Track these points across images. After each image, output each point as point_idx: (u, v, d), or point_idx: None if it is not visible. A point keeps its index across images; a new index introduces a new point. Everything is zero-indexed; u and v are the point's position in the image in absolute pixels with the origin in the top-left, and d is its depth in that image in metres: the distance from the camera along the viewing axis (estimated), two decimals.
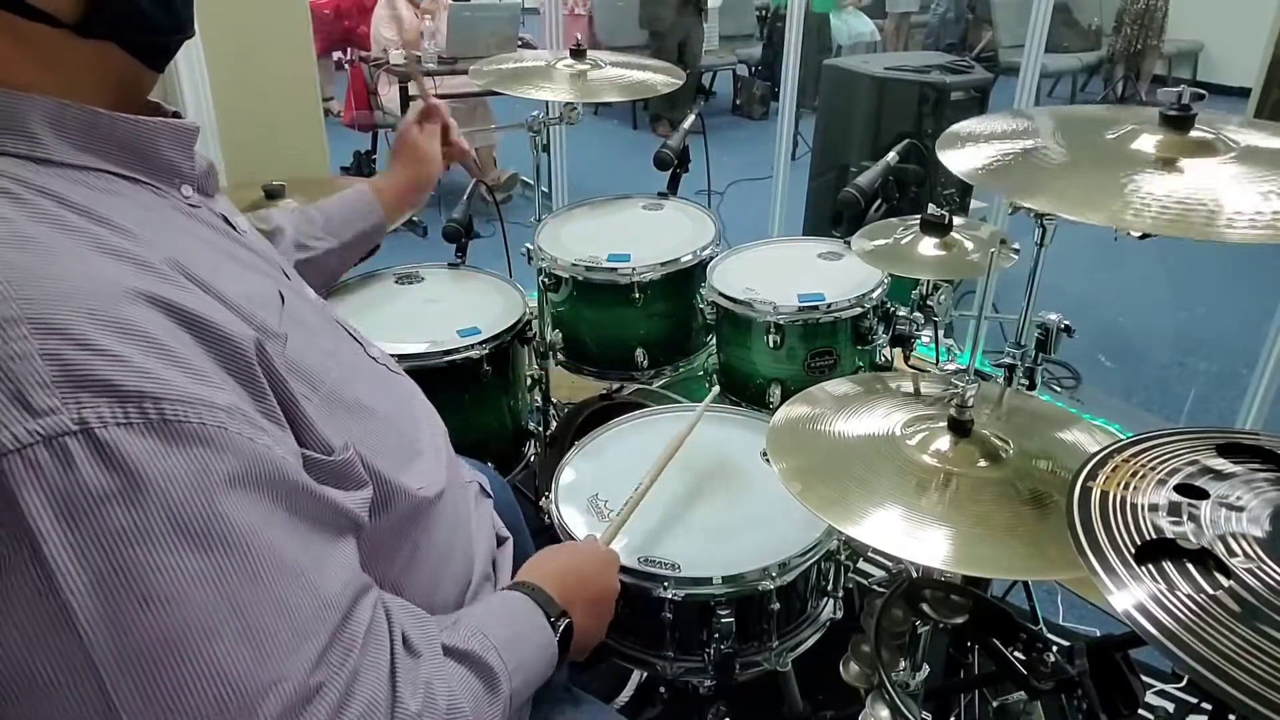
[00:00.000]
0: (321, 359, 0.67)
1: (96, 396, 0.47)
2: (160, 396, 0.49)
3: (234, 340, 0.55)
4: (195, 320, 0.53)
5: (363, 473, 0.64)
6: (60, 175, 0.56)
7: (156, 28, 0.61)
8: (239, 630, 0.50)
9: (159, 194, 0.63)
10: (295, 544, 0.55)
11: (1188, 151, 0.85)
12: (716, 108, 6.82)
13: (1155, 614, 0.57)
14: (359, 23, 4.87)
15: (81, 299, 0.48)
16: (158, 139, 0.63)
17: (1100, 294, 3.60)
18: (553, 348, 1.75)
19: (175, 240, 0.59)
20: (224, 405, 0.52)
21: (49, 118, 0.56)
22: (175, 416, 0.49)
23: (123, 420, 0.47)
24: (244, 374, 0.55)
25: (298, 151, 2.43)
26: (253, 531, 0.52)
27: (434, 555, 0.77)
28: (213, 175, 0.72)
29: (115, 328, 0.49)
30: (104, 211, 0.55)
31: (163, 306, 0.52)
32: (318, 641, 0.54)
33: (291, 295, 0.70)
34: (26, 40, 0.56)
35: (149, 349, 0.49)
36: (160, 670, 0.48)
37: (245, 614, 0.50)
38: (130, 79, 0.63)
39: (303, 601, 0.54)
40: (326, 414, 0.63)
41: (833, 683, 1.02)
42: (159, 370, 0.49)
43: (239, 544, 0.51)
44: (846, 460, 0.96)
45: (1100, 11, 6.87)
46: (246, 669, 0.50)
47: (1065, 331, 1.28)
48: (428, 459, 0.78)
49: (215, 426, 0.51)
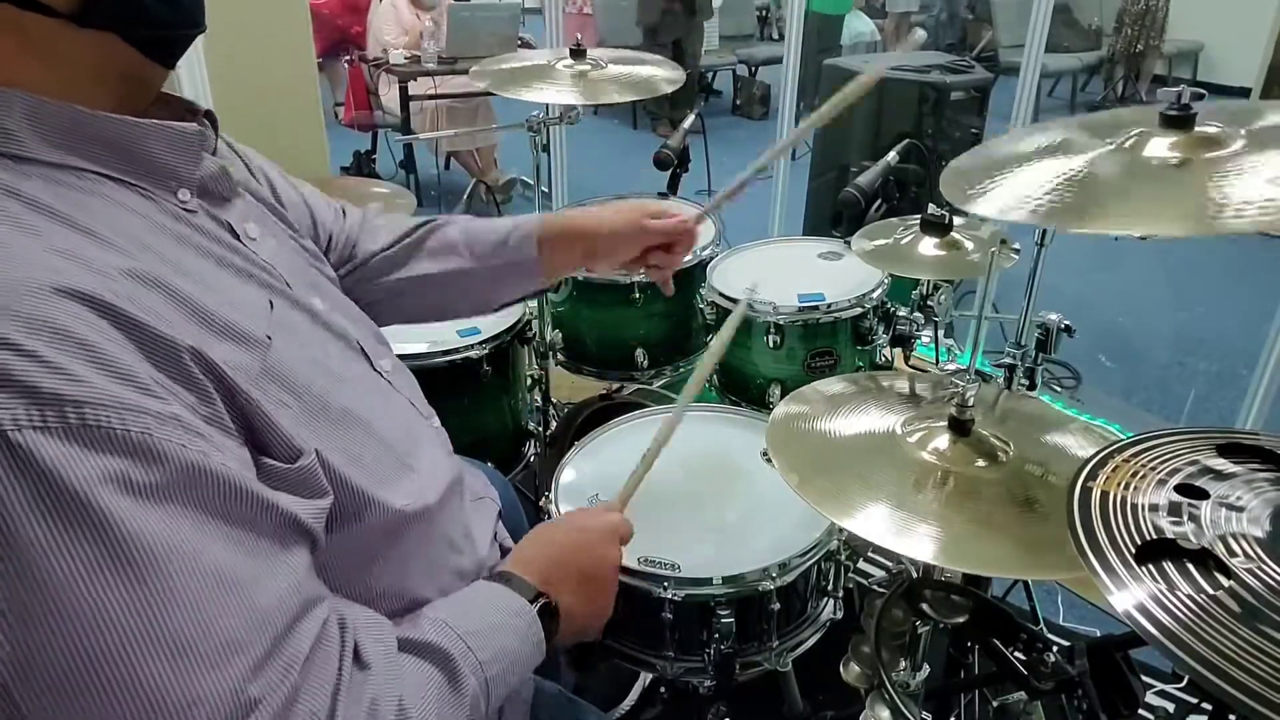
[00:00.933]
0: (307, 368, 0.66)
1: (13, 398, 0.45)
2: (82, 401, 0.47)
3: (175, 346, 0.53)
4: (134, 324, 0.51)
5: (324, 482, 0.63)
6: (32, 173, 0.55)
7: (159, 20, 0.60)
8: (158, 644, 0.48)
9: (146, 196, 0.62)
10: (228, 554, 0.52)
11: (1199, 148, 0.84)
12: (716, 108, 6.83)
13: (1155, 614, 0.56)
14: (352, 23, 4.87)
15: (11, 299, 0.47)
16: (148, 140, 0.62)
17: (1100, 294, 3.60)
18: (553, 348, 1.75)
19: (153, 244, 0.59)
20: (153, 411, 0.50)
21: (28, 113, 0.55)
22: (96, 421, 0.47)
23: (39, 424, 0.46)
24: (184, 379, 0.53)
25: (298, 151, 2.43)
26: (177, 541, 0.50)
27: (421, 568, 0.75)
28: (224, 180, 0.70)
29: (43, 330, 0.47)
30: (69, 212, 0.54)
31: (102, 310, 0.50)
32: (250, 655, 0.51)
33: (285, 304, 0.69)
34: (23, 31, 0.55)
35: (77, 353, 0.48)
36: (75, 687, 0.46)
37: (165, 628, 0.48)
38: (135, 74, 0.62)
39: (235, 614, 0.51)
40: (303, 421, 0.62)
41: (833, 683, 1.02)
42: (84, 374, 0.48)
43: (159, 554, 0.48)
44: (846, 456, 0.96)
45: (1100, 11, 6.87)
46: (167, 685, 0.48)
47: (1065, 331, 1.28)
48: (422, 476, 0.76)
49: (139, 432, 0.49)
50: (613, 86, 1.69)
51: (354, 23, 4.86)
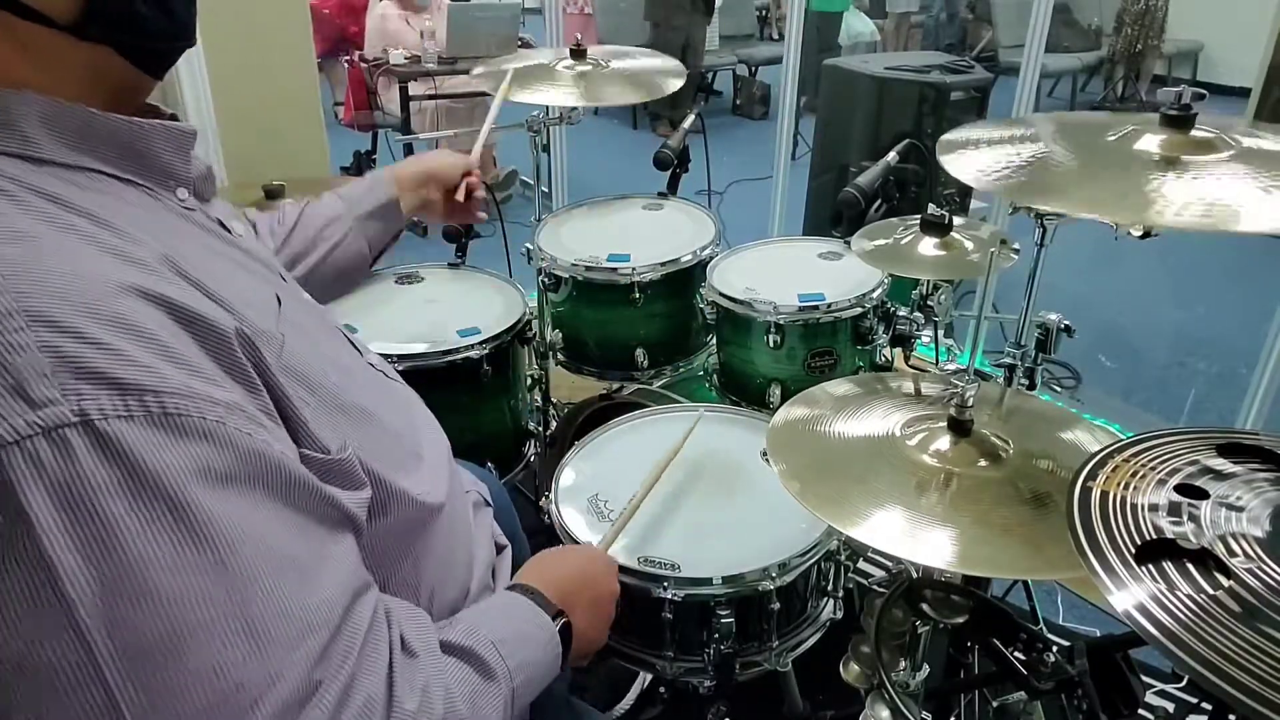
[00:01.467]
0: (320, 364, 0.66)
1: (96, 389, 0.47)
2: (160, 390, 0.49)
3: (227, 337, 0.55)
4: (191, 317, 0.53)
5: (362, 474, 0.64)
6: (54, 174, 0.56)
7: (154, 33, 0.61)
8: (239, 626, 0.50)
9: (153, 196, 0.63)
10: (295, 540, 0.55)
11: (1191, 150, 0.85)
12: (716, 108, 6.82)
13: (1155, 614, 0.56)
14: (349, 22, 4.87)
15: (77, 293, 0.48)
16: (153, 141, 0.63)
17: (1100, 294, 3.60)
18: (553, 348, 1.75)
19: (169, 241, 0.59)
20: (222, 400, 0.52)
21: (43, 116, 0.56)
22: (175, 410, 0.49)
23: (123, 413, 0.47)
24: (238, 371, 0.55)
25: (298, 152, 2.43)
26: (253, 527, 0.52)
27: (434, 562, 0.76)
28: (210, 179, 0.71)
29: (111, 322, 0.48)
30: (98, 210, 0.55)
31: (158, 302, 0.52)
32: (319, 638, 0.54)
33: (288, 299, 0.70)
34: (22, 40, 0.56)
35: (146, 344, 0.49)
36: (160, 665, 0.48)
37: (245, 609, 0.50)
38: (127, 84, 0.63)
39: (304, 598, 0.54)
40: (324, 418, 0.63)
41: (833, 683, 1.02)
42: (156, 365, 0.49)
43: (239, 539, 0.51)
44: (846, 460, 0.96)
45: (1100, 11, 6.87)
46: (246, 665, 0.50)
47: (1065, 331, 1.28)
48: (429, 466, 0.77)
49: (214, 421, 0.51)
50: (614, 87, 1.70)
51: (351, 22, 4.87)
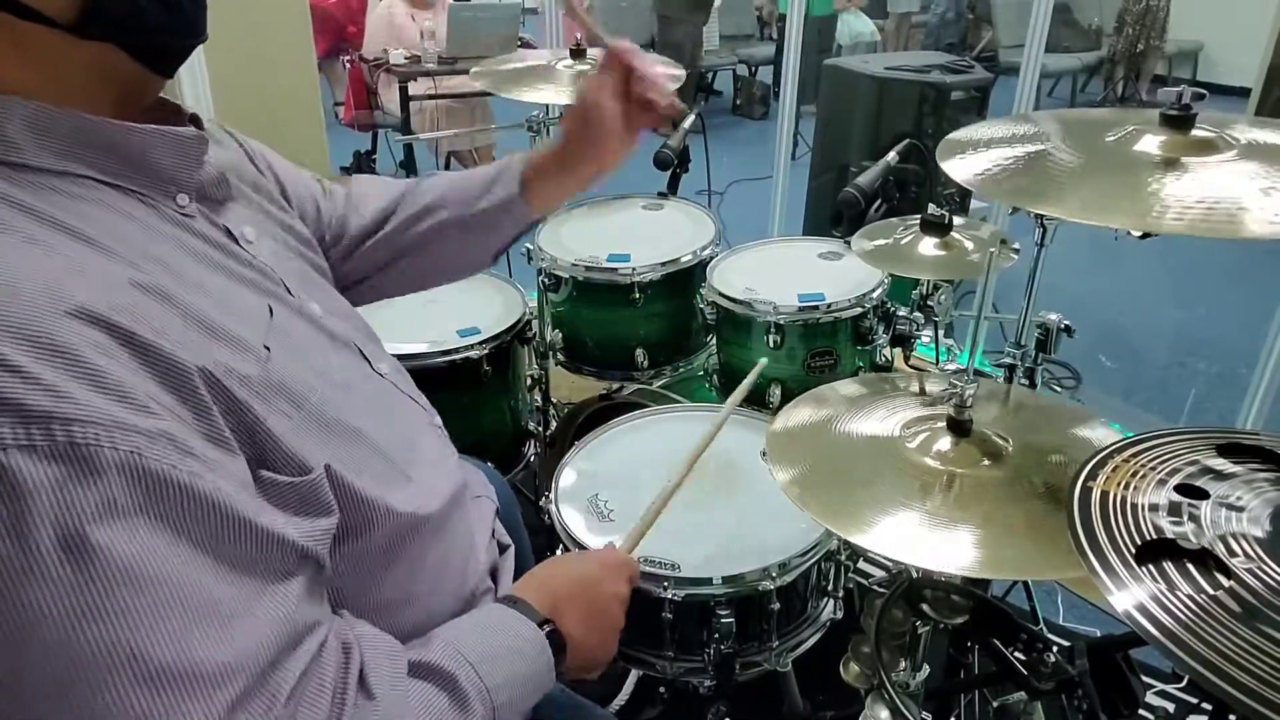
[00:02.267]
0: (307, 377, 0.65)
1: (1, 417, 0.45)
2: (70, 419, 0.46)
3: (176, 359, 0.52)
4: (135, 341, 0.51)
5: (330, 498, 0.62)
6: (29, 181, 0.55)
7: (159, 30, 0.60)
8: (137, 675, 0.47)
9: (146, 202, 0.62)
10: (212, 584, 0.51)
11: (1192, 151, 0.85)
12: (717, 108, 6.82)
13: (1155, 614, 0.56)
14: (349, 22, 4.87)
15: (15, 317, 0.47)
16: (151, 147, 0.62)
17: (1100, 294, 3.60)
18: (553, 348, 1.75)
19: (153, 250, 0.58)
20: (145, 429, 0.49)
21: (30, 122, 0.55)
22: (84, 439, 0.46)
23: (24, 442, 0.45)
24: (183, 394, 0.52)
25: (298, 151, 2.43)
26: (158, 569, 0.48)
27: (427, 571, 0.75)
28: (224, 184, 0.70)
29: (38, 345, 0.47)
30: (73, 221, 0.54)
31: (105, 327, 0.50)
32: (233, 688, 0.50)
33: (285, 311, 0.69)
34: (21, 41, 0.55)
35: (70, 369, 0.47)
36: (53, 714, 0.45)
37: (145, 659, 0.47)
38: (133, 83, 0.62)
39: (216, 646, 0.50)
40: (305, 433, 0.61)
41: (833, 683, 1.02)
42: (76, 392, 0.47)
43: (139, 582, 0.47)
44: (847, 464, 0.95)
45: (1100, 11, 6.86)
46: (145, 715, 0.47)
47: (1065, 331, 1.28)
48: (425, 478, 0.75)
49: (128, 451, 0.48)
50: None
51: (350, 22, 4.87)
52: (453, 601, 0.79)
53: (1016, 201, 0.86)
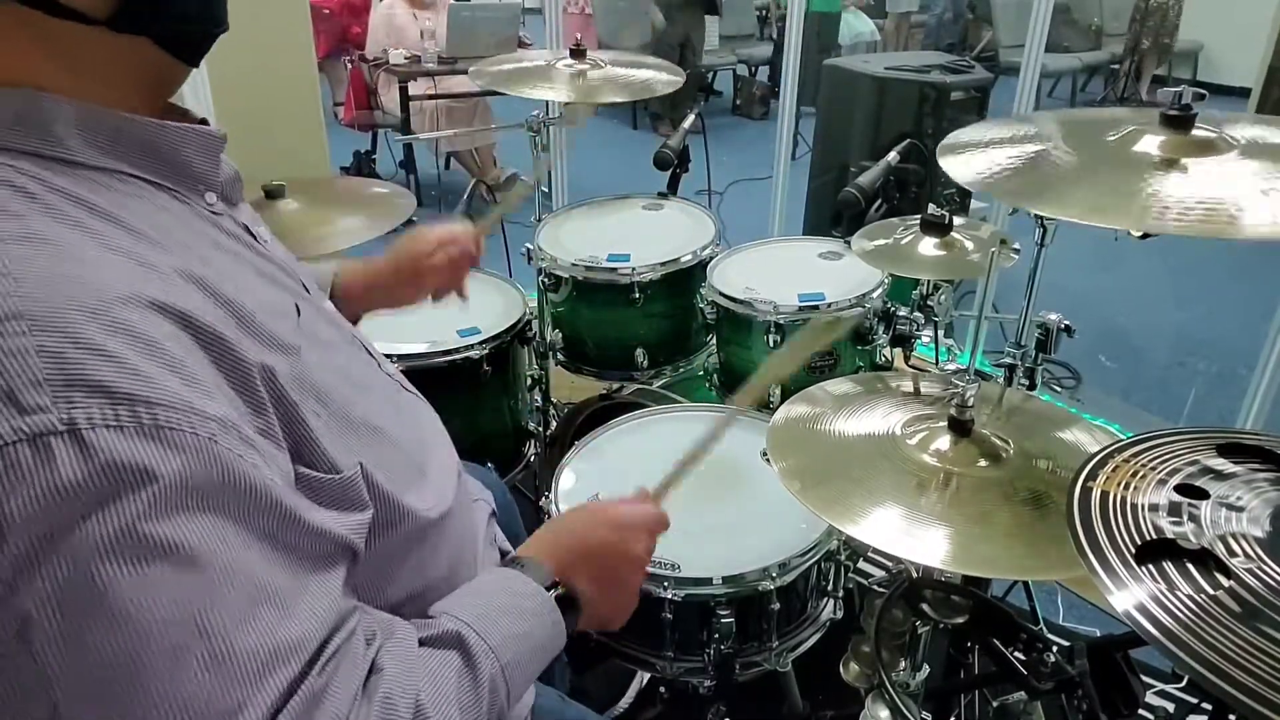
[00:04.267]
0: (333, 376, 0.65)
1: (89, 396, 0.46)
2: (154, 401, 0.48)
3: (237, 353, 0.54)
4: (200, 328, 0.52)
5: (365, 495, 0.63)
6: (83, 177, 0.55)
7: (191, 18, 0.61)
8: (205, 654, 0.48)
9: (182, 200, 0.63)
10: (273, 570, 0.53)
11: (1192, 151, 0.85)
12: (717, 108, 6.82)
13: (1155, 614, 0.56)
14: (351, 23, 4.87)
15: (86, 299, 0.48)
16: (184, 145, 0.62)
17: (1100, 294, 3.60)
18: (553, 348, 1.75)
19: (195, 247, 0.59)
20: (216, 416, 0.50)
21: (77, 120, 0.55)
22: (167, 423, 0.48)
23: (113, 422, 0.46)
24: (244, 387, 0.54)
25: (298, 151, 2.43)
26: (230, 552, 0.50)
27: (437, 575, 0.75)
28: (238, 183, 0.71)
29: (117, 329, 0.48)
30: (124, 215, 0.55)
31: (169, 313, 0.51)
32: (287, 672, 0.51)
33: (308, 308, 0.69)
34: (54, 39, 0.55)
35: (148, 353, 0.48)
36: (117, 692, 0.46)
37: (213, 638, 0.48)
38: (163, 75, 0.63)
39: (277, 631, 0.51)
40: (335, 432, 0.62)
41: (833, 683, 1.02)
42: (156, 375, 0.48)
43: (212, 563, 0.49)
44: (847, 460, 0.96)
45: (1100, 11, 6.86)
46: (209, 696, 0.48)
47: (1065, 331, 1.28)
48: (434, 478, 0.76)
49: (206, 437, 0.49)
50: (611, 87, 1.70)
51: (354, 22, 4.87)
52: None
53: (1016, 201, 0.87)
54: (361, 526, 0.62)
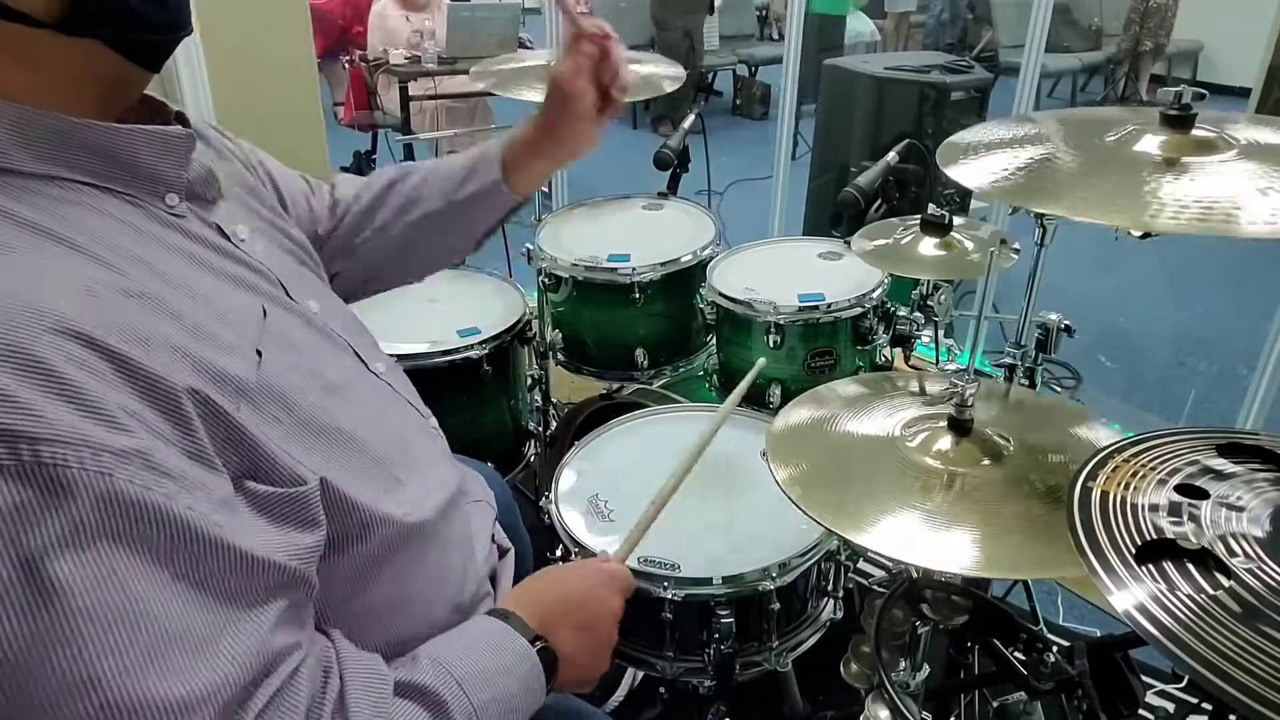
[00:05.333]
0: (300, 380, 0.64)
1: None
2: (39, 438, 0.45)
3: (154, 374, 0.51)
4: (117, 354, 0.50)
5: (319, 512, 0.60)
6: (14, 185, 0.54)
7: (146, 24, 0.59)
8: (93, 707, 0.45)
9: (133, 203, 0.61)
10: (185, 607, 0.49)
11: (1192, 151, 0.85)
12: (717, 108, 6.82)
13: (1155, 614, 0.56)
14: (353, 23, 4.87)
15: None
16: (136, 147, 0.61)
17: (1100, 294, 3.60)
18: (553, 348, 1.75)
19: (140, 254, 0.57)
20: (118, 448, 0.47)
21: (12, 125, 0.54)
22: (51, 460, 0.45)
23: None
24: (166, 408, 0.51)
25: (298, 151, 2.43)
26: (123, 595, 0.47)
27: (422, 580, 0.74)
28: (210, 182, 0.69)
29: (12, 361, 0.45)
30: (57, 226, 0.53)
31: (83, 339, 0.48)
32: (201, 716, 0.49)
33: (280, 311, 0.68)
34: (2, 42, 0.54)
35: (44, 386, 0.46)
36: None
37: (102, 687, 0.46)
38: (119, 79, 0.61)
39: (184, 676, 0.48)
40: (297, 438, 0.60)
41: (833, 683, 1.02)
42: (46, 409, 0.46)
43: (102, 609, 0.46)
44: (848, 464, 0.95)
45: (1100, 11, 6.86)
46: None
47: (1065, 331, 1.28)
48: (420, 483, 0.75)
49: (97, 472, 0.46)
50: None
51: (355, 22, 4.86)
52: (448, 608, 0.78)
53: (1016, 201, 0.87)
54: (310, 552, 0.59)
